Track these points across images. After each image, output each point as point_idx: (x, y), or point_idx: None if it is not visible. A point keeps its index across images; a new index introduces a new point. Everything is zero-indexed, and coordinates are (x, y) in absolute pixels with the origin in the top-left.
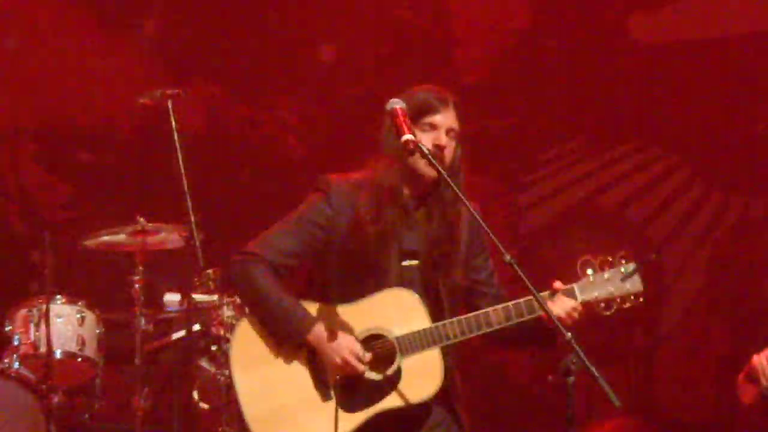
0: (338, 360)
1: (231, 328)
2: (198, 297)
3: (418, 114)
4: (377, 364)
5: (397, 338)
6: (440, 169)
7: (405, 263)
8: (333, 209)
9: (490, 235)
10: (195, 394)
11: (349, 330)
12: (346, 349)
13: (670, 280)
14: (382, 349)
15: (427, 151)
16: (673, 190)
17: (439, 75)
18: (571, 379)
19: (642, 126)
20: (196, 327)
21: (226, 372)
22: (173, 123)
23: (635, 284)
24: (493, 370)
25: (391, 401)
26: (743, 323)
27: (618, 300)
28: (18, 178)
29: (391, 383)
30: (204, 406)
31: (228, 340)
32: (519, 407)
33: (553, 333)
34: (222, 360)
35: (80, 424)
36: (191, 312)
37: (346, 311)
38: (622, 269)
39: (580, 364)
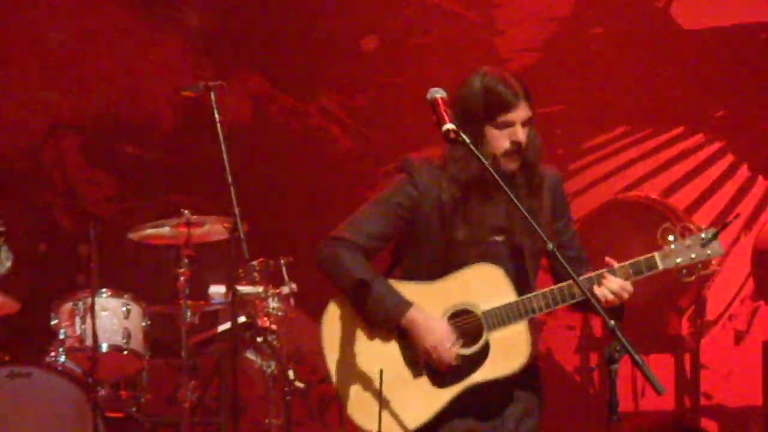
0: (430, 347)
1: (276, 319)
2: (243, 289)
3: (491, 113)
4: (465, 339)
5: (484, 313)
6: (484, 161)
7: (491, 239)
8: (418, 190)
9: (532, 223)
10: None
11: (438, 308)
12: (439, 337)
13: (715, 266)
14: (470, 325)
15: (468, 141)
16: (717, 177)
17: (482, 64)
18: (615, 366)
19: (687, 113)
20: (242, 319)
21: (272, 363)
22: (216, 115)
23: (716, 249)
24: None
25: (480, 375)
26: None
27: (700, 266)
28: (64, 173)
29: (479, 358)
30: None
31: (274, 332)
32: (564, 395)
33: (619, 312)
34: (268, 351)
35: (127, 418)
36: (236, 304)
37: (433, 289)
38: (703, 235)
39: (624, 352)
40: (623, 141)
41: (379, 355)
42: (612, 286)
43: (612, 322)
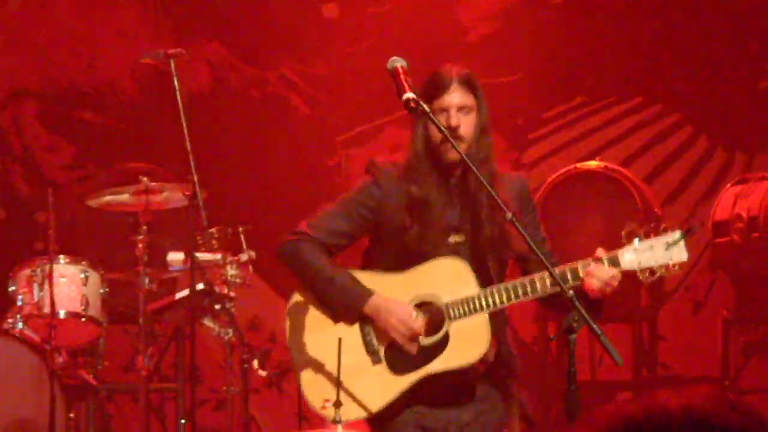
0: (393, 329)
1: (234, 287)
2: (201, 256)
3: (428, 102)
4: (426, 329)
5: (446, 304)
6: (443, 129)
7: (451, 239)
8: (382, 191)
9: (492, 192)
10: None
11: (402, 299)
12: (402, 318)
13: (677, 269)
14: (431, 316)
15: (428, 110)
16: (676, 147)
17: (442, 32)
18: (574, 336)
19: (645, 83)
20: (200, 286)
21: (230, 330)
22: (176, 83)
23: (680, 253)
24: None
25: (438, 365)
26: (746, 279)
27: (663, 268)
28: (22, 139)
29: (439, 348)
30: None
31: (232, 299)
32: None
33: (599, 303)
34: (226, 318)
35: (84, 385)
36: (195, 271)
37: (396, 280)
38: (668, 237)
39: (583, 322)
40: (582, 110)
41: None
42: (601, 274)
43: (570, 292)
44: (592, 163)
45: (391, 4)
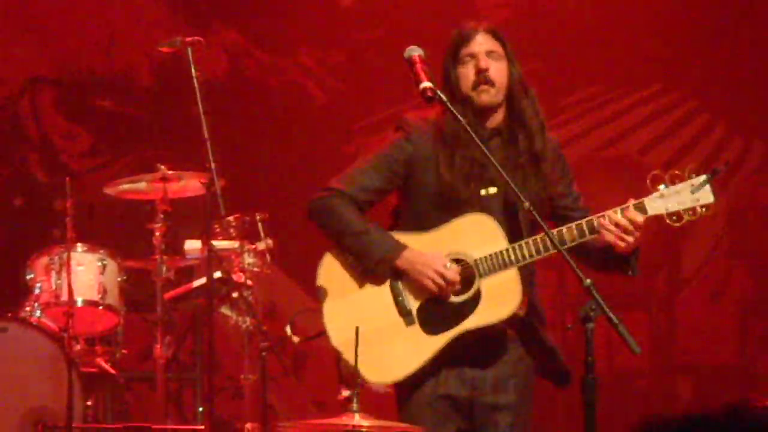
0: (429, 280)
1: (252, 275)
2: (219, 244)
3: (455, 52)
4: (457, 287)
5: (476, 261)
6: (456, 113)
7: (483, 192)
8: (413, 145)
9: (507, 179)
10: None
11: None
12: (437, 269)
13: (690, 224)
14: (462, 273)
15: (445, 99)
16: (693, 135)
17: (459, 19)
18: (591, 325)
19: (663, 70)
20: (217, 274)
21: (248, 319)
22: (193, 71)
23: (706, 195)
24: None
25: (472, 322)
26: (764, 267)
27: (689, 212)
28: (39, 127)
29: (471, 305)
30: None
31: (249, 287)
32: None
33: (626, 258)
34: (243, 307)
35: (102, 373)
36: (212, 259)
37: (426, 238)
38: (692, 181)
39: (600, 311)
40: (599, 99)
41: (372, 305)
42: (616, 218)
43: (588, 280)
44: (608, 152)
45: None
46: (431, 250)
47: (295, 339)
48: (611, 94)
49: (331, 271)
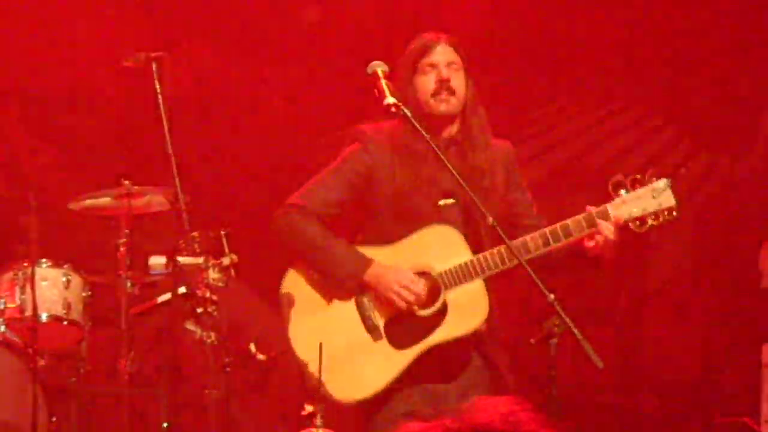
0: (397, 295)
1: (216, 290)
2: (183, 260)
3: (415, 60)
4: (424, 301)
5: (441, 273)
6: (420, 128)
7: (442, 203)
8: (371, 157)
9: (470, 194)
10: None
11: None
12: (404, 283)
13: (656, 238)
14: (428, 287)
15: (409, 114)
16: (658, 150)
17: (426, 32)
18: (554, 341)
19: (628, 86)
20: (182, 290)
21: (212, 334)
22: (157, 86)
23: (668, 199)
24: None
25: (440, 335)
26: (729, 281)
27: (652, 216)
28: (2, 141)
29: (439, 318)
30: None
31: (214, 303)
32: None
33: (593, 259)
34: (208, 322)
35: (66, 388)
36: (176, 275)
37: (389, 251)
38: (654, 186)
39: (564, 326)
40: (565, 113)
41: (338, 321)
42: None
43: (552, 296)
44: (574, 166)
45: (373, 6)
46: (396, 263)
47: (261, 356)
48: (577, 108)
49: (295, 287)
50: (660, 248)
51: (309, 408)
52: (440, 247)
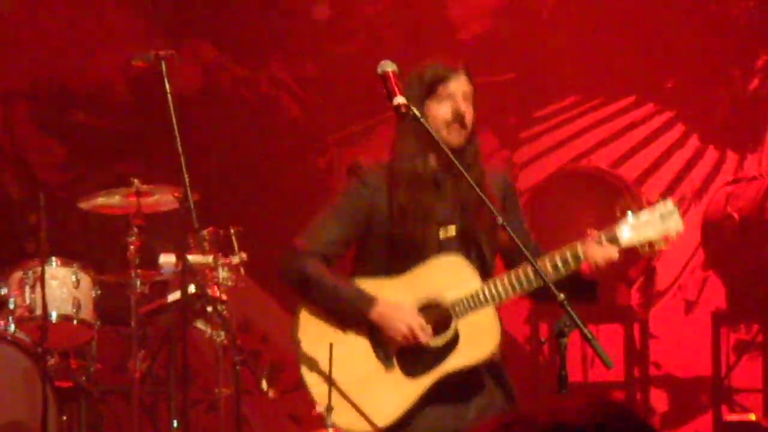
0: (401, 335)
1: (226, 289)
2: (193, 258)
3: (432, 84)
4: (435, 330)
5: (451, 303)
6: (434, 133)
7: (442, 234)
8: (369, 190)
9: (482, 197)
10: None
11: (405, 301)
12: (409, 322)
13: (673, 239)
14: (438, 316)
15: (419, 115)
16: (668, 147)
17: (434, 31)
18: (564, 340)
19: (637, 82)
20: (192, 288)
21: (222, 333)
22: (167, 85)
23: (676, 222)
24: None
25: (452, 364)
26: (739, 278)
27: (662, 240)
28: (13, 140)
29: (450, 347)
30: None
31: (224, 301)
32: (514, 365)
33: (594, 286)
34: (218, 321)
35: (76, 387)
36: (186, 273)
37: (397, 285)
38: (661, 208)
39: (574, 326)
40: (574, 110)
41: (351, 356)
42: (602, 252)
43: (561, 296)
44: (582, 164)
45: (382, 4)
46: (404, 295)
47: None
48: (586, 106)
49: (307, 325)
50: (669, 245)
51: (319, 408)
52: (448, 276)
